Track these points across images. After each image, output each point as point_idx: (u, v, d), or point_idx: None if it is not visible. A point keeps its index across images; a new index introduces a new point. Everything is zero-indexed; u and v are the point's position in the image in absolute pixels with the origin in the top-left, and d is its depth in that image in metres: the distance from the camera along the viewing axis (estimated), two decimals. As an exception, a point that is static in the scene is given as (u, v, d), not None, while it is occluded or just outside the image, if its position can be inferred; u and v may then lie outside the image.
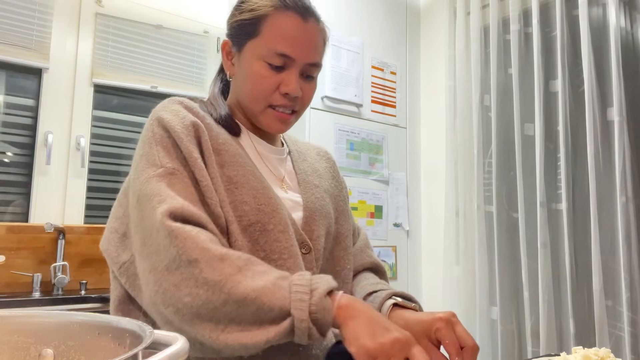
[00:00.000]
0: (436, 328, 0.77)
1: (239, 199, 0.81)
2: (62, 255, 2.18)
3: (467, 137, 2.44)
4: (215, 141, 0.84)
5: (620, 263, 1.84)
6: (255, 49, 0.87)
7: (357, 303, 0.72)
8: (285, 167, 0.96)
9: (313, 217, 0.90)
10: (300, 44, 0.87)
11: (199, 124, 0.83)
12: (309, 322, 0.67)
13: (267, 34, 0.86)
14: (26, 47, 2.29)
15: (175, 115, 0.83)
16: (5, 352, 0.46)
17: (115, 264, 0.82)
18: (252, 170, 0.85)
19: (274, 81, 0.87)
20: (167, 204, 0.73)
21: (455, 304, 2.36)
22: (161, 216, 0.72)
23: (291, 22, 0.87)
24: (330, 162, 1.10)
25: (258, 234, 0.81)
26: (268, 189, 0.85)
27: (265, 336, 0.68)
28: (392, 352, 0.66)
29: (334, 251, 0.95)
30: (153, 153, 0.80)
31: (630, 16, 2.09)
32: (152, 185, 0.77)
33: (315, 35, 0.89)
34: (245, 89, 0.90)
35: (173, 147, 0.80)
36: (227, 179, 0.82)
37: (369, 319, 0.69)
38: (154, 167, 0.78)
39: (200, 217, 0.75)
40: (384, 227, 2.53)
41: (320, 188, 0.97)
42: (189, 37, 2.71)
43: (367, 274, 1.02)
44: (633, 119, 1.96)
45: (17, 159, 2.28)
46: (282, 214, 0.84)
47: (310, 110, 2.33)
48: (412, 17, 2.83)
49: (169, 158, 0.79)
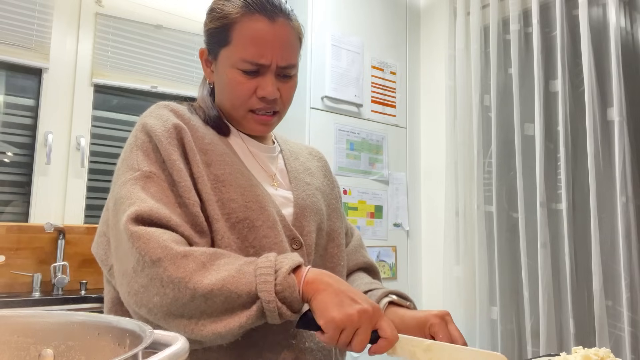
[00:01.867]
0: (430, 324, 0.80)
1: (226, 197, 0.82)
2: (62, 255, 2.18)
3: (467, 137, 2.44)
4: (201, 141, 0.85)
5: (620, 263, 1.84)
6: (228, 58, 0.88)
7: (324, 276, 0.73)
8: (276, 165, 0.97)
9: (304, 213, 0.91)
10: (271, 48, 0.86)
11: (181, 126, 0.84)
12: (276, 301, 0.69)
13: (237, 42, 0.86)
14: (26, 47, 2.29)
15: (159, 120, 0.84)
16: (5, 352, 0.46)
17: (105, 267, 0.84)
18: (239, 169, 0.86)
19: (250, 86, 0.87)
20: (135, 206, 0.74)
21: (455, 304, 2.36)
22: (125, 220, 0.73)
23: (260, 27, 0.86)
24: (322, 161, 1.11)
25: (247, 230, 0.82)
26: (256, 186, 0.86)
27: (238, 322, 0.69)
28: (359, 323, 0.68)
29: (328, 248, 0.96)
30: (132, 157, 0.82)
31: (630, 16, 2.09)
32: (126, 188, 0.78)
33: (286, 36, 0.88)
34: (224, 96, 0.91)
35: (153, 151, 0.82)
36: (214, 177, 0.83)
37: (337, 291, 0.70)
38: (132, 170, 0.80)
39: (169, 220, 0.75)
40: (384, 227, 2.53)
41: (312, 185, 0.98)
42: (189, 37, 2.71)
43: (360, 274, 1.03)
44: (633, 119, 1.96)
45: (17, 159, 2.28)
46: (270, 211, 0.85)
47: (310, 110, 2.33)
48: (412, 17, 2.83)
49: (148, 162, 0.80)
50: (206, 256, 0.73)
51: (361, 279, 0.99)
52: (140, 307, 0.72)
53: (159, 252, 0.71)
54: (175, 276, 0.70)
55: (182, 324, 0.70)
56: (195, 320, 0.70)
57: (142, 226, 0.73)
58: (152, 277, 0.71)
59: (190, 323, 0.70)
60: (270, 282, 0.69)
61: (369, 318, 0.69)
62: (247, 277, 0.70)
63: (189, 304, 0.70)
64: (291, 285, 0.70)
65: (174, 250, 0.71)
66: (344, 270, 0.98)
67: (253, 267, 0.72)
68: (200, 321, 0.70)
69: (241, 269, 0.71)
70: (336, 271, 0.95)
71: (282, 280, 0.70)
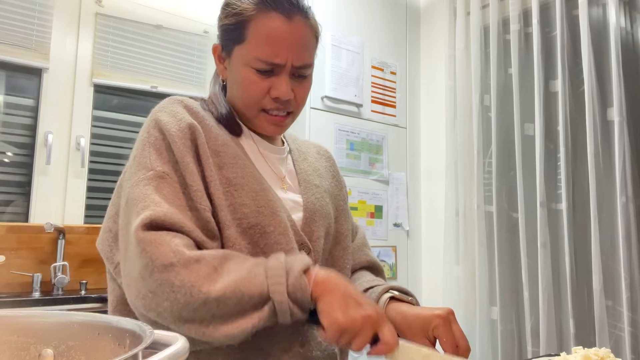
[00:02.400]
0: (434, 325, 0.78)
1: (238, 202, 0.81)
2: (62, 255, 2.18)
3: (467, 137, 2.44)
4: (214, 142, 0.83)
5: (620, 263, 1.84)
6: (242, 56, 0.86)
7: (333, 278, 0.74)
8: (286, 166, 0.95)
9: (313, 218, 0.90)
10: (287, 47, 0.84)
11: (196, 126, 0.82)
12: (289, 302, 0.70)
13: (253, 40, 0.84)
14: (26, 47, 2.29)
15: (173, 117, 0.82)
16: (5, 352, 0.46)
17: (111, 264, 0.82)
18: (251, 172, 0.85)
19: (263, 86, 0.85)
20: (149, 210, 0.73)
21: (455, 304, 2.36)
22: (138, 225, 0.72)
23: (276, 25, 0.83)
24: (330, 161, 1.09)
25: (258, 236, 0.81)
26: (267, 191, 0.84)
27: (251, 323, 0.70)
28: (362, 328, 0.69)
29: (333, 251, 0.95)
30: (145, 155, 0.80)
31: (630, 16, 2.09)
32: (139, 188, 0.77)
33: (302, 35, 0.86)
34: (237, 94, 0.89)
35: (166, 150, 0.80)
36: (226, 181, 0.81)
37: (344, 294, 0.71)
38: (145, 169, 0.78)
39: (183, 225, 0.74)
40: (384, 227, 2.53)
41: (321, 188, 0.97)
42: (189, 37, 2.71)
43: (363, 272, 1.02)
44: (633, 119, 1.96)
45: (17, 159, 2.28)
46: (282, 216, 0.84)
47: (310, 110, 2.33)
48: (412, 17, 2.83)
49: (161, 161, 0.79)
50: (217, 259, 0.72)
51: (364, 277, 0.98)
52: (149, 311, 0.71)
53: (171, 257, 0.70)
54: (187, 281, 0.69)
55: (193, 327, 0.69)
56: (206, 323, 0.70)
57: (152, 231, 0.72)
58: (161, 283, 0.69)
59: (202, 326, 0.69)
60: (282, 283, 0.70)
61: (371, 323, 0.69)
62: (258, 279, 0.70)
63: (201, 309, 0.69)
64: (303, 286, 0.70)
65: (186, 255, 0.70)
66: (348, 273, 0.97)
67: (263, 268, 0.72)
68: (212, 324, 0.69)
69: (252, 270, 0.71)
70: (341, 274, 0.94)
71: (295, 282, 0.70)
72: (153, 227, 0.72)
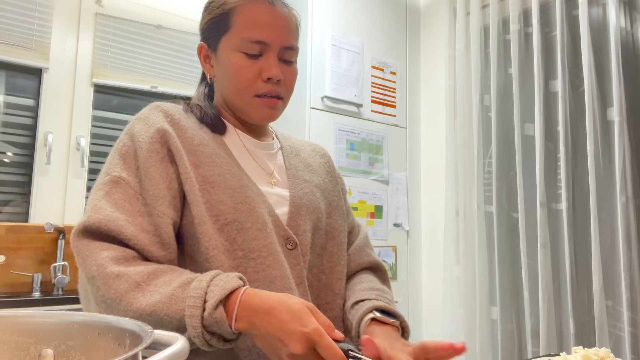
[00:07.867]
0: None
1: (214, 198, 0.81)
2: (62, 255, 2.18)
3: (467, 137, 2.44)
4: (190, 142, 0.84)
5: (620, 263, 1.84)
6: (229, 42, 0.88)
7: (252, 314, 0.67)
8: (275, 162, 0.96)
9: (299, 212, 0.90)
10: (273, 27, 0.87)
11: (166, 129, 0.83)
12: (203, 334, 0.66)
13: (239, 25, 0.87)
14: (26, 47, 2.29)
15: (145, 124, 0.85)
16: (5, 352, 0.46)
17: None
18: (229, 169, 0.85)
19: (254, 69, 0.87)
20: (85, 216, 0.76)
21: (455, 304, 2.36)
22: (74, 231, 0.76)
23: (260, 8, 0.88)
24: (326, 157, 1.09)
25: (235, 232, 0.81)
26: (246, 187, 0.84)
27: None
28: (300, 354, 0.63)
29: (328, 246, 0.94)
30: (110, 161, 0.83)
31: (630, 16, 2.09)
32: (92, 193, 0.80)
33: (286, 18, 0.90)
34: (228, 84, 0.90)
35: (132, 157, 0.82)
36: (202, 178, 0.82)
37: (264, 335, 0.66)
38: (104, 174, 0.81)
39: (120, 232, 0.74)
40: (384, 227, 2.53)
41: (311, 183, 0.97)
42: (189, 37, 2.71)
43: (364, 275, 0.99)
44: (633, 119, 1.96)
45: (17, 159, 2.28)
46: (260, 212, 0.83)
47: (310, 110, 2.33)
48: (412, 17, 2.83)
49: (121, 167, 0.81)
50: (142, 275, 0.71)
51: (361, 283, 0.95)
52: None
53: (94, 271, 0.72)
54: (107, 297, 0.70)
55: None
56: None
57: (86, 239, 0.74)
58: (91, 291, 0.73)
59: None
60: (197, 316, 0.66)
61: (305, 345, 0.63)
62: (177, 305, 0.67)
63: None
64: (219, 320, 0.66)
65: (107, 270, 0.71)
66: (344, 270, 0.96)
67: (185, 293, 0.68)
68: None
69: (174, 294, 0.68)
70: (335, 271, 0.94)
71: (208, 316, 0.66)
72: (87, 233, 0.75)
